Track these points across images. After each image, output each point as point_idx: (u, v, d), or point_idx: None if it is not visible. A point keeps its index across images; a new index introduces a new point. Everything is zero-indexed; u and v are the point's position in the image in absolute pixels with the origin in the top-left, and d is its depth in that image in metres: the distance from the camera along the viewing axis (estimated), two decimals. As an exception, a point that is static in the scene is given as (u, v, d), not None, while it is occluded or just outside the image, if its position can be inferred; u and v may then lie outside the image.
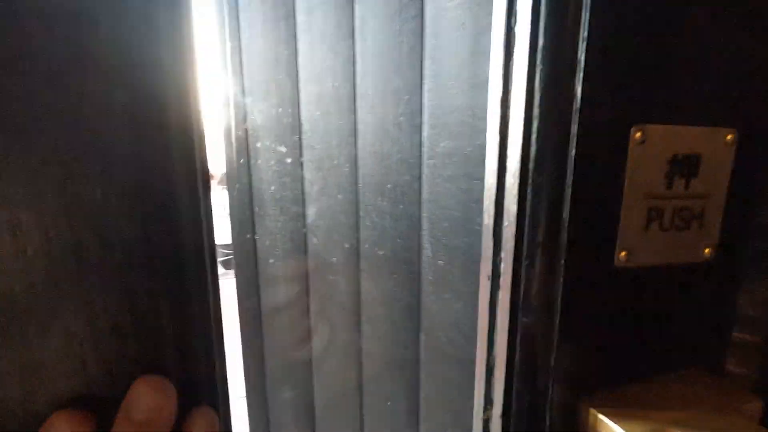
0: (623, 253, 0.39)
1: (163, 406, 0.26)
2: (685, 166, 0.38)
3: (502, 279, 0.43)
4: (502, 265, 0.42)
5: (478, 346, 0.47)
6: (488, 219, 0.43)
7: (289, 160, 0.89)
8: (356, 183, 0.74)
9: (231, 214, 1.04)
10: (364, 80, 0.69)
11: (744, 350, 0.46)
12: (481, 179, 0.43)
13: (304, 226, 0.89)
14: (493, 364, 0.46)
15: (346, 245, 0.78)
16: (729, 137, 0.39)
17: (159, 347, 0.29)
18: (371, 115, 0.69)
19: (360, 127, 0.71)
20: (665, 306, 0.43)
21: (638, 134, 0.36)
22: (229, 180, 1.03)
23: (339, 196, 0.78)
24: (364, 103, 0.70)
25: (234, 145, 1.01)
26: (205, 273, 0.30)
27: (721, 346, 0.47)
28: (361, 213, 0.74)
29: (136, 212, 0.26)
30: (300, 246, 0.91)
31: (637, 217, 0.39)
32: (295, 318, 0.95)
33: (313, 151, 0.83)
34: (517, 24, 0.36)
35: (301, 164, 0.87)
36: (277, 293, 1.01)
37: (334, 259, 0.82)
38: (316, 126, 0.81)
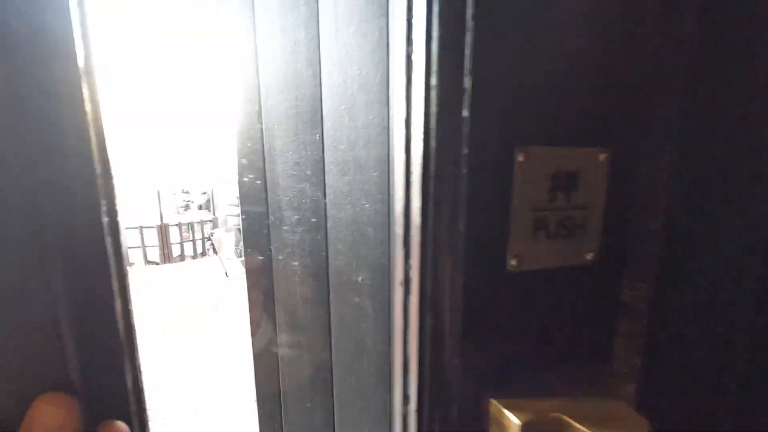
0: (514, 260, 0.44)
1: (65, 423, 0.27)
2: (565, 182, 0.43)
3: (411, 284, 0.46)
4: (411, 272, 0.46)
5: (396, 347, 0.51)
6: (399, 230, 0.46)
7: (309, 163, 0.79)
8: (387, 190, 0.61)
9: (244, 228, 0.92)
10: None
11: (625, 339, 0.53)
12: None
13: (325, 238, 0.78)
14: (408, 362, 0.50)
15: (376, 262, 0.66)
16: (602, 156, 0.44)
17: (62, 362, 0.29)
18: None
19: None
20: (555, 305, 0.48)
21: (521, 155, 0.41)
22: (241, 188, 0.90)
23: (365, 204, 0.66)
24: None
25: (249, 145, 0.88)
26: (111, 291, 0.31)
27: (607, 337, 0.53)
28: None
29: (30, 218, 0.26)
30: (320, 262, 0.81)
31: (526, 227, 0.43)
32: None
33: (337, 153, 0.72)
34: (414, 53, 0.39)
35: (323, 168, 0.76)
36: (294, 318, 0.89)
37: (360, 278, 0.70)
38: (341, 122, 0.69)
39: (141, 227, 7.22)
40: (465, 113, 0.39)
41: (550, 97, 0.42)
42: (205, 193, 10.98)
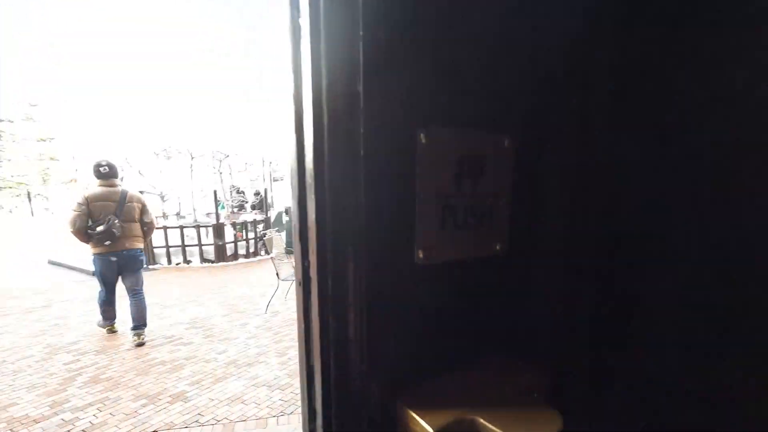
0: (422, 252, 0.40)
1: None
2: (471, 167, 0.41)
3: (311, 284, 0.41)
4: (311, 270, 0.41)
5: (299, 355, 0.45)
6: (295, 221, 0.41)
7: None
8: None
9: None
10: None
11: (534, 332, 0.52)
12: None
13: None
14: (313, 372, 0.44)
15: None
16: (508, 142, 0.43)
17: None
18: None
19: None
20: (467, 298, 0.46)
21: (424, 137, 0.38)
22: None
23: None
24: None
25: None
26: None
27: (517, 330, 0.52)
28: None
29: None
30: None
31: (433, 216, 0.40)
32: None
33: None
34: (301, 17, 0.35)
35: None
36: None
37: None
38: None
39: (198, 225, 7.45)
40: (359, 87, 0.35)
41: (456, 78, 0.39)
42: (258, 194, 11.25)
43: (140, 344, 3.43)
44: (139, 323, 3.42)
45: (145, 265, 6.03)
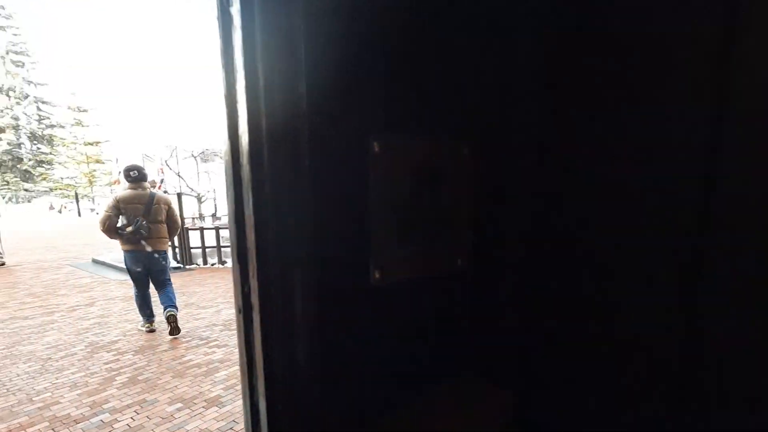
0: (378, 272, 0.35)
1: None
2: (428, 177, 0.35)
3: (253, 312, 0.36)
4: (252, 297, 0.36)
5: (241, 391, 0.40)
6: (233, 240, 0.36)
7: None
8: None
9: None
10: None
11: (503, 349, 0.45)
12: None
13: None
14: (258, 413, 0.39)
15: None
16: (468, 150, 0.37)
17: None
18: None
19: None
20: (427, 319, 0.40)
21: (377, 145, 0.32)
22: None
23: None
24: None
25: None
26: None
27: (485, 348, 0.45)
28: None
29: None
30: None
31: (389, 232, 0.35)
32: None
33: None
34: (232, 5, 0.30)
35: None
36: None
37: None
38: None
39: (217, 228, 7.41)
40: (301, 88, 0.30)
41: (413, 81, 0.34)
42: None
43: (174, 326, 3.48)
44: (169, 304, 3.55)
45: (180, 265, 6.25)
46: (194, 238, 7.10)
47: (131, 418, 2.49)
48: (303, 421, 0.37)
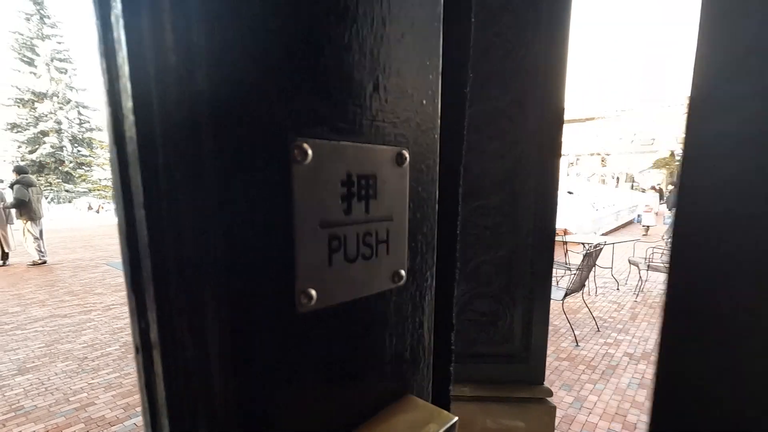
0: (305, 296, 0.32)
1: None
2: (360, 187, 0.34)
3: (154, 351, 0.30)
4: (151, 333, 0.30)
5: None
6: (125, 267, 0.29)
7: None
8: None
9: None
10: None
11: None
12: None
13: None
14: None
15: None
16: (402, 157, 0.37)
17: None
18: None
19: None
20: (367, 340, 0.39)
21: (302, 152, 0.30)
22: None
23: None
24: None
25: None
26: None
27: (427, 367, 0.47)
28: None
29: None
30: None
31: (318, 250, 0.32)
32: None
33: None
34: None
35: None
36: None
37: None
38: None
39: None
40: (202, 83, 0.25)
41: (342, 80, 0.32)
42: None
43: None
44: None
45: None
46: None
47: (167, 420, 2.71)
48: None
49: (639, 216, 14.71)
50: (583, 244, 6.03)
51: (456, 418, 0.40)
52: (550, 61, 1.34)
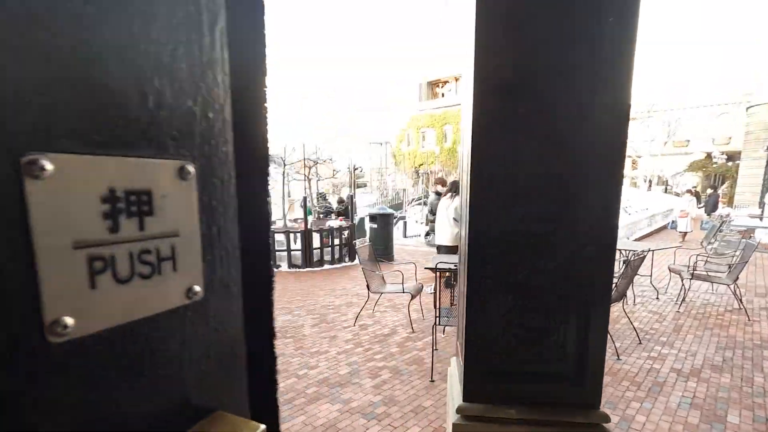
0: (59, 326, 0.29)
1: None
2: (130, 204, 0.32)
3: None
4: None
5: None
6: None
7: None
8: None
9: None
10: None
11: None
12: None
13: None
14: None
15: None
16: (185, 171, 0.36)
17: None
18: None
19: None
20: (155, 362, 0.36)
21: (48, 166, 0.27)
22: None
23: None
24: None
25: None
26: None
27: (242, 378, 0.46)
28: None
29: None
30: None
31: (74, 274, 0.29)
32: None
33: None
34: None
35: None
36: None
37: None
38: None
39: (288, 231, 7.72)
40: None
41: (105, 80, 0.29)
42: (342, 202, 12.01)
43: None
44: None
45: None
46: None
47: None
48: None
49: (673, 222, 13.72)
50: (620, 251, 5.50)
51: (263, 426, 0.41)
52: (616, 56, 1.05)
